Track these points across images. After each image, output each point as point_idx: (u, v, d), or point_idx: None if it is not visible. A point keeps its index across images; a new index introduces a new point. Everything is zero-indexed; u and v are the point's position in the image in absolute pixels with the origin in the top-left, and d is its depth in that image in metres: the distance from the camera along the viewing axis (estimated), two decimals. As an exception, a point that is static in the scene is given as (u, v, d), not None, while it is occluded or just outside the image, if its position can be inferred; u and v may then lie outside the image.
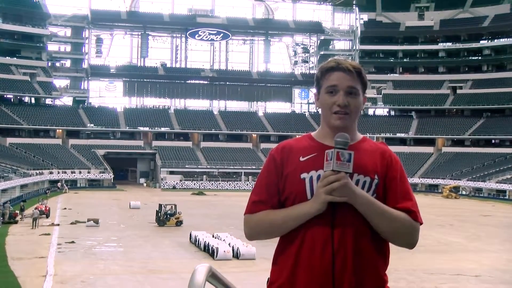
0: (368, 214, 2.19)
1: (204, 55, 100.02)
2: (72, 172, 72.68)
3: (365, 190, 2.22)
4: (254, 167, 77.03)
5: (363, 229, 2.20)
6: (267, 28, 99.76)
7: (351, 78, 2.29)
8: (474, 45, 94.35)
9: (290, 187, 2.26)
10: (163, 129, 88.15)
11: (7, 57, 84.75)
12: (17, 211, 40.18)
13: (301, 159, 2.27)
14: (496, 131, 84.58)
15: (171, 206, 38.61)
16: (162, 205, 38.17)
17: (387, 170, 2.29)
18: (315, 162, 2.25)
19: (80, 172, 73.81)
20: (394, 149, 75.59)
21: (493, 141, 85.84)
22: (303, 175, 2.24)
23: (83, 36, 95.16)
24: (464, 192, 71.26)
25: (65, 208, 46.73)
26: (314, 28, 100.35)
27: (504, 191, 69.09)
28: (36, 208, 38.29)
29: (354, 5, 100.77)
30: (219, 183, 77.31)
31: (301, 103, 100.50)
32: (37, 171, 65.42)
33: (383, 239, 2.25)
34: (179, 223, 37.03)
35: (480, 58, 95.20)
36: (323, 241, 2.17)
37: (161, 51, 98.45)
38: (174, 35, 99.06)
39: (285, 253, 2.25)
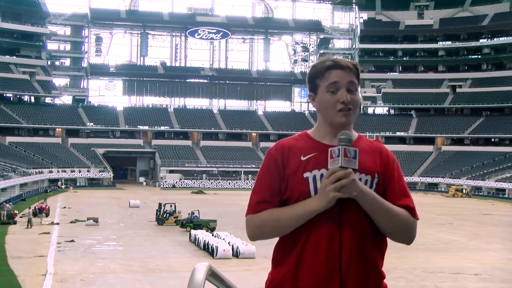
0: (373, 211, 2.21)
1: (204, 54, 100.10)
2: (71, 171, 72.71)
3: None
4: (253, 166, 77.02)
5: (366, 226, 2.23)
6: (267, 26, 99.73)
7: (350, 75, 2.30)
8: (473, 43, 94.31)
9: (293, 187, 2.25)
10: (162, 128, 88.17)
11: (6, 56, 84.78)
12: (16, 211, 39.89)
13: (302, 158, 2.27)
14: (496, 130, 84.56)
15: (171, 205, 39.12)
16: (162, 204, 38.71)
17: (385, 169, 2.32)
18: (317, 161, 2.25)
19: (79, 171, 73.84)
20: (393, 147, 75.87)
21: (492, 139, 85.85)
22: (306, 174, 2.24)
23: (83, 35, 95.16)
24: (463, 191, 71.30)
25: (64, 207, 46.72)
26: (314, 26, 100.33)
27: (503, 190, 69.15)
28: (30, 208, 38.09)
29: (353, 4, 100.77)
30: (219, 182, 77.33)
31: (300, 102, 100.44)
32: (37, 170, 65.40)
33: (382, 235, 2.28)
34: (178, 222, 37.21)
35: (479, 56, 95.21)
36: (328, 239, 2.18)
37: (160, 50, 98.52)
38: (174, 34, 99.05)
39: (287, 252, 2.25)
